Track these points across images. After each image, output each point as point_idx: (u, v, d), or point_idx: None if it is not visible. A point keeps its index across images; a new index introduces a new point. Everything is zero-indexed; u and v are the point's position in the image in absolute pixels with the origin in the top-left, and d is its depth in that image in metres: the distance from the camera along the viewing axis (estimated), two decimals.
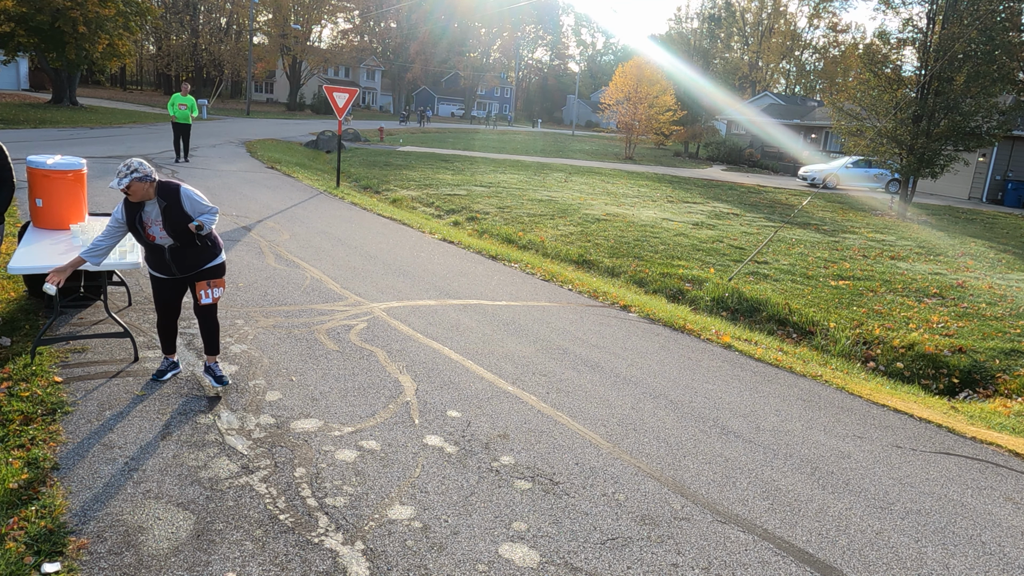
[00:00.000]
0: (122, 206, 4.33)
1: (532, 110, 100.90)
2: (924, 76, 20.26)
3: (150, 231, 4.33)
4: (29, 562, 2.84)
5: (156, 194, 4.31)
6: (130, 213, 4.32)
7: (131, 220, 4.32)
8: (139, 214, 4.30)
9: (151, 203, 4.32)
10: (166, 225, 4.30)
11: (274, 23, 60.12)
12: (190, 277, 4.53)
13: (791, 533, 3.70)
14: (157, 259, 4.43)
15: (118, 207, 4.35)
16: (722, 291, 9.46)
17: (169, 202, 4.31)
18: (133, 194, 4.22)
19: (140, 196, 4.24)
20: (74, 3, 27.08)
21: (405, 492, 3.69)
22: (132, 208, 4.30)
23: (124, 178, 4.15)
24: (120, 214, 4.34)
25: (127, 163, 4.24)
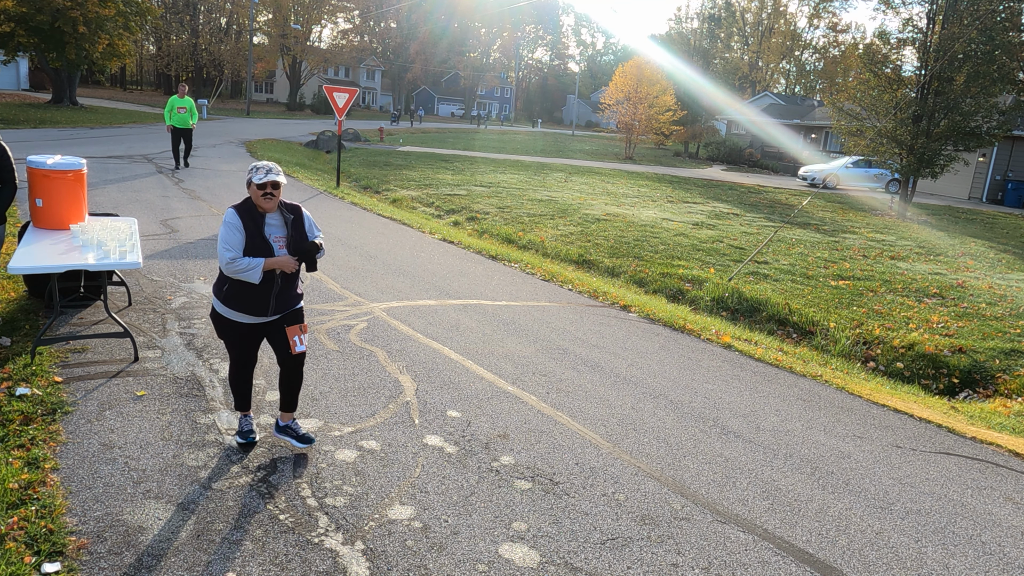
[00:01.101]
0: (238, 215, 3.60)
1: (532, 110, 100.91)
2: (924, 76, 20.26)
3: (278, 245, 3.70)
4: (29, 562, 2.84)
5: (282, 206, 3.76)
6: (256, 222, 3.63)
7: (259, 230, 3.62)
8: (263, 224, 3.66)
9: (274, 216, 3.72)
10: (289, 245, 3.71)
11: (274, 23, 60.14)
12: (278, 321, 3.83)
13: (791, 533, 3.70)
14: (259, 293, 3.68)
15: (231, 218, 3.58)
16: (722, 291, 9.46)
17: (296, 216, 3.78)
18: (271, 199, 3.62)
19: (274, 204, 3.66)
20: (74, 3, 27.09)
21: (405, 492, 3.69)
22: (256, 217, 3.63)
23: (269, 174, 3.59)
24: (237, 221, 3.58)
25: (264, 163, 3.65)
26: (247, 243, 3.58)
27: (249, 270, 3.52)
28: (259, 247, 3.61)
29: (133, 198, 11.35)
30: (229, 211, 3.64)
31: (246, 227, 3.59)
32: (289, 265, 3.63)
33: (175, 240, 8.81)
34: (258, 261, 3.54)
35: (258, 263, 3.54)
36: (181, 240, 8.84)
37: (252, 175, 3.61)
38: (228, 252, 3.54)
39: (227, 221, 3.59)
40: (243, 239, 3.58)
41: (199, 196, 12.31)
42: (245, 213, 3.62)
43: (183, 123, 15.04)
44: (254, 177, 3.59)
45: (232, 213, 3.61)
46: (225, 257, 3.53)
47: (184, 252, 8.24)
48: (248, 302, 3.68)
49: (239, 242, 3.56)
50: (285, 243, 3.71)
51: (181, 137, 15.20)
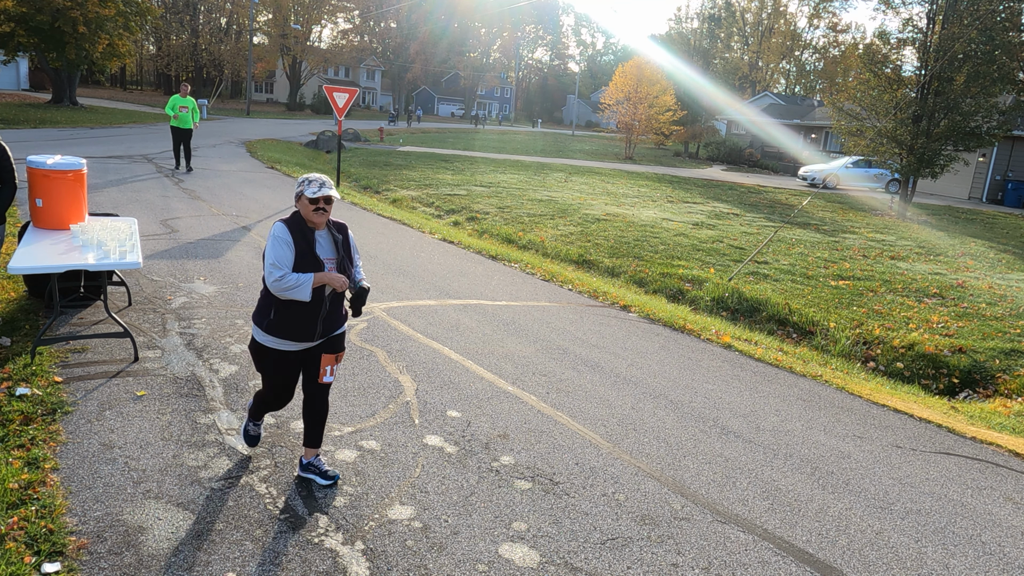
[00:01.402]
0: (288, 230, 3.34)
1: (532, 110, 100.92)
2: (924, 76, 20.26)
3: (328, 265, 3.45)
4: (29, 562, 2.84)
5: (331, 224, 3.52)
6: (307, 238, 3.37)
7: (310, 247, 3.36)
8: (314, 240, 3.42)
9: (323, 234, 3.47)
10: (338, 265, 3.47)
11: (274, 23, 60.14)
12: (320, 346, 3.57)
13: (791, 533, 3.70)
14: (307, 316, 3.42)
15: (280, 232, 3.33)
16: (722, 291, 9.46)
17: (344, 236, 3.55)
18: (323, 215, 3.36)
19: (325, 220, 3.40)
20: (74, 3, 27.09)
21: (405, 492, 3.69)
22: (307, 233, 3.38)
23: (323, 187, 3.32)
24: (287, 236, 3.33)
25: (315, 176, 3.40)
26: (296, 261, 3.31)
27: (298, 286, 3.26)
28: (310, 265, 3.34)
29: (133, 198, 11.36)
30: (278, 225, 3.36)
31: (296, 243, 3.32)
32: (340, 283, 3.37)
33: (175, 240, 8.81)
34: (307, 276, 3.28)
35: (307, 278, 3.28)
36: (181, 240, 8.84)
37: (304, 188, 3.32)
38: (277, 270, 3.25)
39: (276, 235, 3.31)
40: (293, 256, 3.30)
41: (199, 196, 12.31)
42: (295, 228, 3.35)
43: (184, 123, 14.87)
44: (307, 190, 3.31)
45: (282, 227, 3.34)
46: (273, 275, 3.25)
47: (184, 252, 8.24)
48: (295, 327, 3.42)
49: (289, 259, 3.29)
50: (335, 264, 3.45)
51: (182, 137, 15.02)
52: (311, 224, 3.40)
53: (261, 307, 3.48)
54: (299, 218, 3.41)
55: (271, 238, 3.34)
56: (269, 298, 3.42)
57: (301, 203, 3.37)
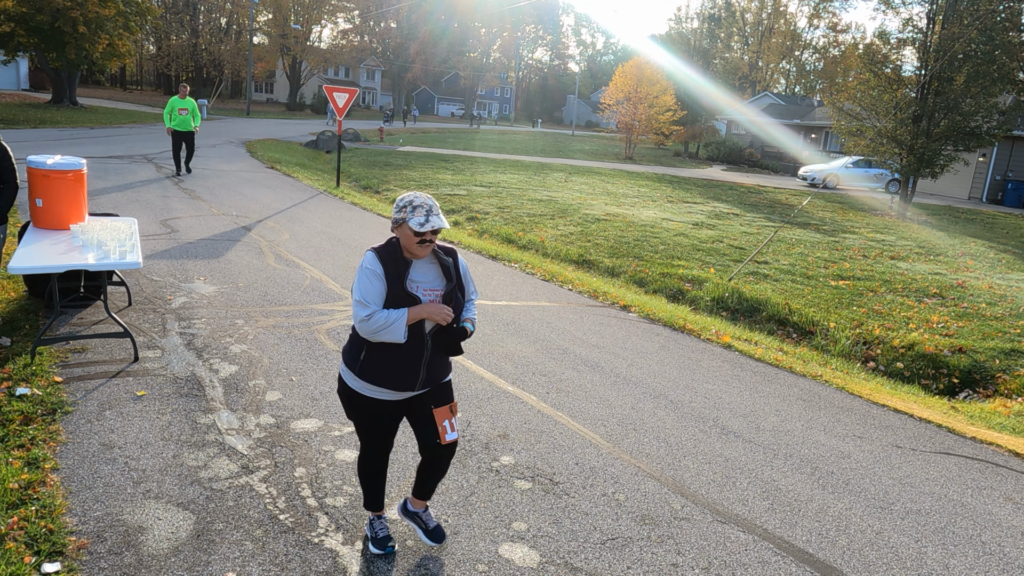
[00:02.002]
0: (379, 261, 2.85)
1: (532, 110, 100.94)
2: (924, 76, 20.26)
3: (431, 297, 2.94)
4: (29, 562, 2.84)
5: (436, 249, 3.01)
6: (400, 270, 2.86)
7: (401, 279, 2.85)
8: (409, 273, 2.91)
9: (424, 261, 2.96)
10: (445, 299, 2.95)
11: (274, 23, 60.14)
12: (423, 396, 3.05)
13: (791, 533, 3.70)
14: (407, 360, 2.91)
15: (371, 263, 2.84)
16: (722, 291, 9.46)
17: (454, 261, 3.04)
18: (427, 247, 2.85)
19: (428, 252, 2.89)
20: (74, 3, 27.10)
21: (405, 492, 3.69)
22: (401, 264, 2.87)
23: (430, 217, 2.79)
24: (379, 268, 2.83)
25: (421, 199, 2.83)
26: (389, 296, 2.83)
27: (389, 326, 2.76)
28: (403, 300, 2.83)
29: (133, 198, 11.36)
30: (368, 255, 2.87)
31: (388, 276, 2.83)
32: (443, 315, 2.84)
33: (175, 240, 8.81)
34: (399, 313, 2.78)
35: (400, 316, 2.77)
36: (181, 240, 8.84)
37: (408, 215, 2.79)
38: (363, 309, 2.78)
39: (366, 267, 2.84)
40: (384, 290, 2.82)
41: (199, 196, 12.31)
42: (388, 258, 2.86)
43: (184, 125, 14.23)
44: (411, 219, 2.78)
45: (372, 257, 2.86)
46: (360, 314, 2.78)
47: (184, 252, 8.24)
48: (392, 373, 2.90)
49: (379, 294, 2.81)
50: (441, 295, 2.94)
51: (183, 140, 14.39)
52: (409, 255, 2.90)
53: (352, 345, 2.99)
54: (395, 247, 2.89)
55: (359, 270, 2.87)
56: (359, 336, 2.93)
57: (402, 232, 2.84)
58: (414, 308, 2.83)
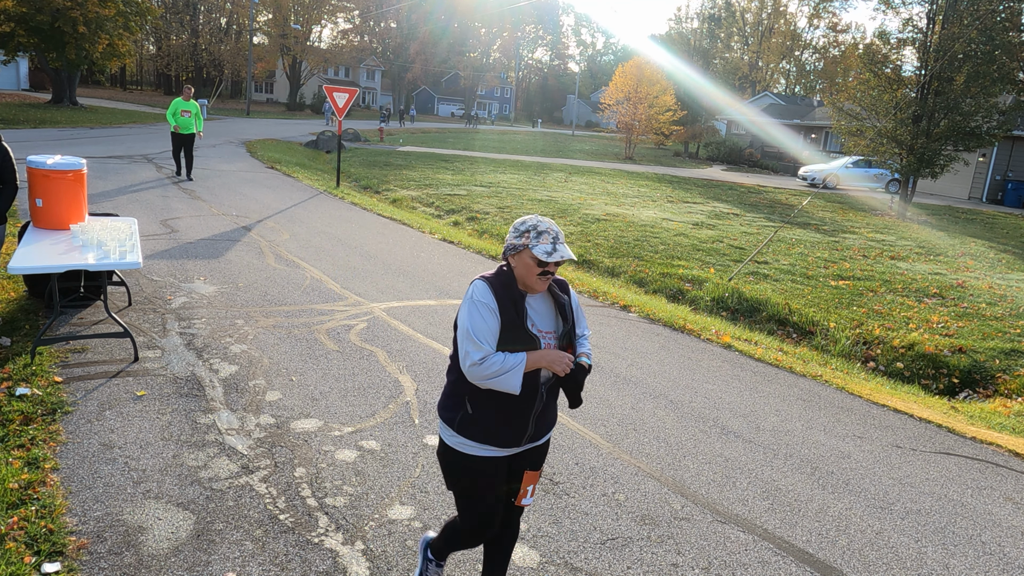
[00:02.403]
0: (492, 292, 2.43)
1: (532, 110, 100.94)
2: (924, 76, 20.26)
3: (546, 340, 2.51)
4: (29, 562, 2.84)
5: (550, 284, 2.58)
6: (517, 304, 2.45)
7: (521, 317, 2.44)
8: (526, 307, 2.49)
9: (539, 297, 2.56)
10: (560, 340, 2.54)
11: (274, 23, 60.14)
12: (523, 454, 2.65)
13: (791, 533, 3.70)
14: (517, 409, 2.50)
15: (482, 295, 2.42)
16: (722, 291, 9.46)
17: (569, 298, 2.62)
18: (547, 281, 2.47)
19: (547, 285, 2.49)
20: (74, 3, 27.10)
21: (405, 492, 3.69)
22: (517, 298, 2.46)
23: (557, 246, 2.40)
24: (492, 301, 2.42)
25: (546, 224, 2.44)
26: (501, 335, 2.41)
27: (505, 373, 2.35)
28: (521, 341, 2.42)
29: (133, 198, 11.36)
30: (478, 285, 2.46)
31: (503, 311, 2.41)
32: (563, 365, 2.42)
33: (175, 240, 8.81)
34: (518, 359, 2.37)
35: (518, 362, 2.37)
36: (181, 240, 8.84)
37: (531, 242, 2.40)
38: (476, 350, 2.36)
39: (476, 299, 2.42)
40: (498, 329, 2.41)
41: (199, 196, 12.31)
42: (502, 290, 2.44)
43: (186, 128, 13.91)
44: (536, 246, 2.39)
45: (484, 288, 2.44)
46: (472, 356, 2.36)
47: (184, 252, 8.24)
48: (499, 428, 2.50)
49: (493, 333, 2.39)
50: (556, 338, 2.53)
51: (183, 143, 14.03)
52: (526, 288, 2.49)
53: (450, 394, 2.57)
54: (508, 277, 2.48)
55: (468, 302, 2.44)
56: (461, 384, 2.51)
57: (520, 260, 2.44)
58: (533, 354, 2.41)
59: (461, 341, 2.42)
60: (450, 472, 2.61)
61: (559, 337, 2.53)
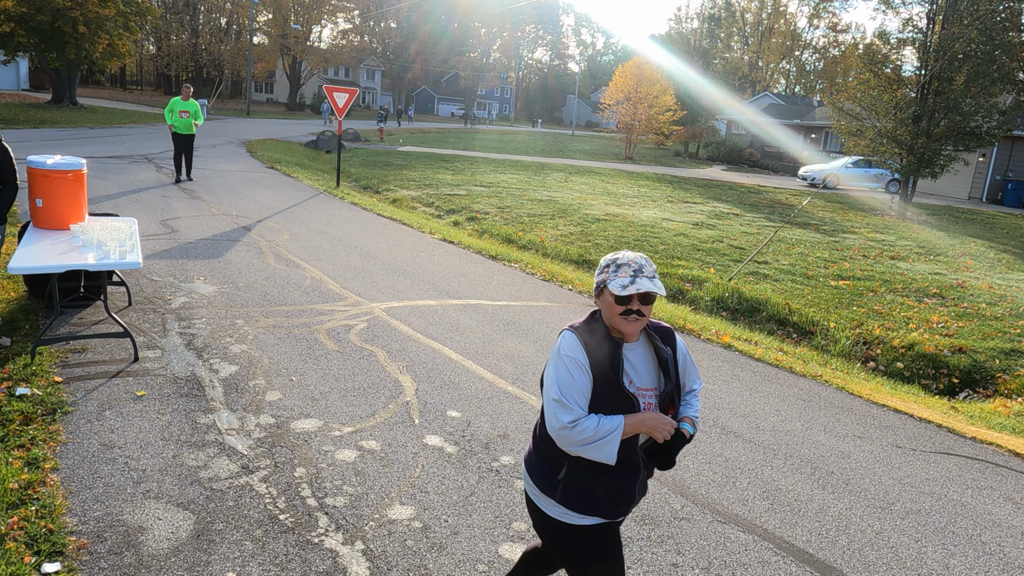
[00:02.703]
0: (581, 344, 2.13)
1: (532, 110, 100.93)
2: (924, 76, 20.26)
3: (645, 399, 2.19)
4: (29, 562, 2.84)
5: (650, 331, 2.28)
6: (612, 357, 2.13)
7: (616, 371, 2.12)
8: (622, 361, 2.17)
9: (639, 347, 2.24)
10: (662, 399, 2.22)
11: (274, 23, 60.14)
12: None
13: (791, 533, 3.70)
14: (618, 480, 2.19)
15: (570, 348, 2.13)
16: (722, 291, 9.46)
17: (674, 350, 2.30)
18: (637, 322, 2.13)
19: (639, 329, 2.17)
20: (74, 3, 27.10)
21: (405, 492, 3.69)
22: (612, 350, 2.14)
23: (639, 277, 2.10)
24: (582, 355, 2.11)
25: (628, 257, 2.15)
26: (594, 393, 2.10)
27: (599, 440, 2.05)
28: (617, 401, 2.11)
29: (133, 198, 11.36)
30: (568, 338, 2.16)
31: (595, 366, 2.11)
32: (664, 431, 2.12)
33: (175, 240, 8.81)
34: (614, 424, 2.06)
35: (615, 428, 2.06)
36: (181, 240, 8.84)
37: (609, 277, 2.14)
38: (565, 412, 2.06)
39: (565, 354, 2.12)
40: (589, 387, 2.10)
41: (199, 196, 12.31)
42: (594, 342, 2.14)
43: (186, 128, 13.52)
44: (612, 280, 2.12)
45: (572, 340, 2.15)
46: (561, 419, 2.06)
47: (184, 252, 8.24)
48: (604, 499, 2.20)
49: (584, 393, 2.09)
50: (656, 396, 2.21)
51: (184, 144, 13.64)
52: (618, 335, 2.18)
53: (542, 459, 2.27)
54: (600, 325, 2.19)
55: (555, 357, 2.15)
56: (549, 446, 2.21)
57: (603, 300, 2.17)
58: (632, 418, 2.10)
59: (547, 401, 2.12)
60: (562, 543, 2.28)
61: (661, 396, 2.19)
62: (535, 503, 2.31)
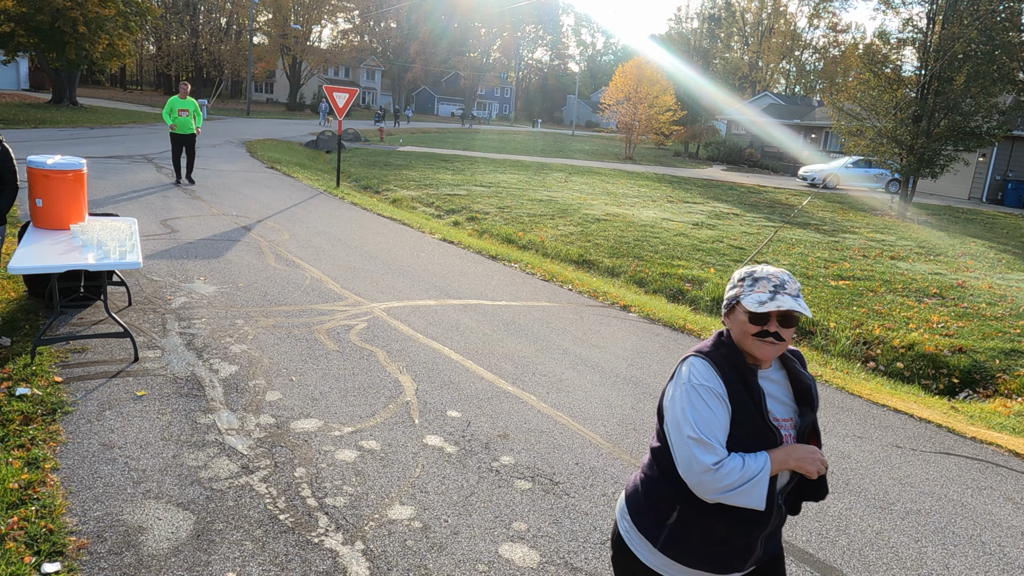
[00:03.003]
0: (716, 371, 1.86)
1: (532, 110, 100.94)
2: (924, 76, 20.26)
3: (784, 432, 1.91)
4: (29, 562, 2.84)
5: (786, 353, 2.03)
6: (749, 385, 1.87)
7: (756, 401, 1.86)
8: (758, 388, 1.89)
9: (773, 373, 1.97)
10: (800, 430, 1.94)
11: (274, 23, 60.15)
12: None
13: (791, 533, 3.70)
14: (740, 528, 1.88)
15: (702, 375, 1.86)
16: (722, 291, 9.46)
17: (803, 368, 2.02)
18: (775, 345, 1.87)
19: (776, 354, 1.90)
20: (74, 3, 27.10)
21: (405, 492, 3.69)
22: (748, 376, 1.87)
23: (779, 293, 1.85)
24: (718, 383, 1.84)
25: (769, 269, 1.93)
26: (732, 427, 1.83)
27: (746, 483, 1.76)
28: (757, 435, 1.84)
29: (133, 198, 11.36)
30: (696, 364, 1.89)
31: (733, 396, 1.84)
32: (816, 464, 1.85)
33: (175, 240, 8.81)
34: (761, 462, 1.79)
35: (762, 467, 1.78)
36: (181, 240, 8.84)
37: (743, 291, 1.91)
38: (707, 453, 1.77)
39: (696, 383, 1.84)
40: (728, 420, 1.83)
41: (199, 196, 12.31)
42: (729, 368, 1.87)
43: (185, 127, 13.14)
44: (747, 295, 1.88)
45: (704, 368, 1.87)
46: (704, 462, 1.76)
47: (184, 252, 8.24)
48: (717, 551, 1.91)
49: (723, 427, 1.81)
50: (793, 427, 1.94)
51: (183, 145, 13.26)
52: (754, 361, 1.92)
53: (650, 499, 1.98)
54: (731, 350, 1.91)
55: (686, 388, 1.86)
56: (668, 489, 1.93)
57: (734, 319, 1.92)
58: (777, 453, 1.82)
59: (679, 440, 1.82)
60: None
61: (801, 427, 1.92)
62: (628, 545, 2.01)
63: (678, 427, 1.83)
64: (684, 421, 1.82)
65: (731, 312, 1.93)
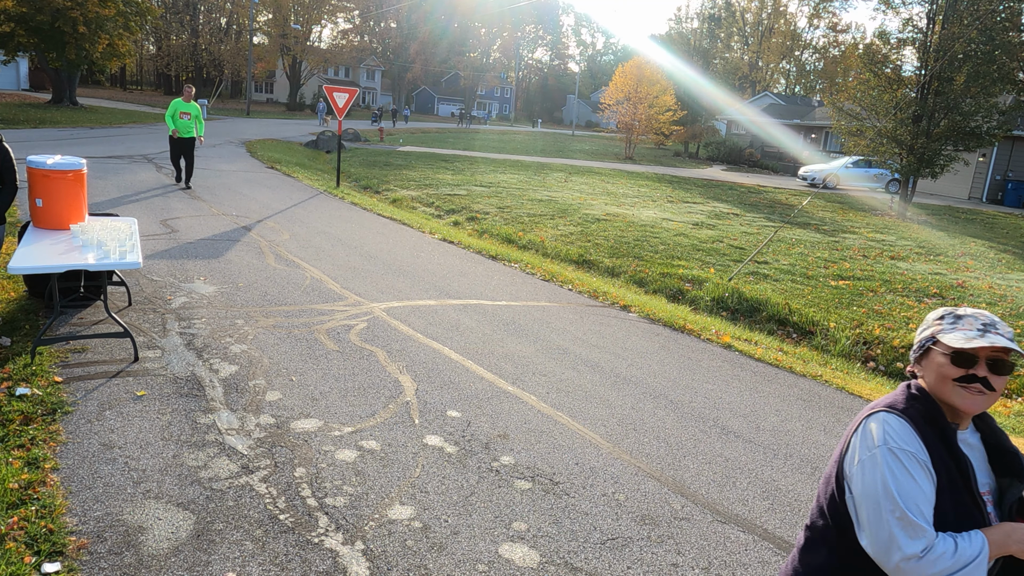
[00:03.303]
0: (916, 433, 1.57)
1: (532, 110, 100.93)
2: (924, 76, 20.26)
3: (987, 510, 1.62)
4: (29, 562, 2.84)
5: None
6: (949, 448, 1.58)
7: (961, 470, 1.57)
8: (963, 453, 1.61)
9: (966, 433, 1.68)
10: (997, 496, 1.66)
11: (274, 23, 60.14)
12: None
13: (791, 533, 3.70)
14: None
15: (902, 438, 1.55)
16: (722, 291, 9.46)
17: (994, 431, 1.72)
18: (983, 399, 1.58)
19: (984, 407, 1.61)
20: (74, 3, 27.10)
21: (405, 492, 3.69)
22: (947, 436, 1.59)
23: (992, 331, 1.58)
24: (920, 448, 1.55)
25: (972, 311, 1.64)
26: (937, 500, 1.54)
27: (959, 571, 1.47)
28: (962, 511, 1.56)
29: (133, 198, 11.36)
30: (891, 422, 1.58)
31: (935, 462, 1.55)
32: None
33: (175, 240, 8.81)
34: (977, 545, 1.50)
35: (978, 551, 1.49)
36: (181, 240, 8.84)
37: (943, 328, 1.64)
38: (916, 537, 1.49)
39: (895, 446, 1.54)
40: (933, 491, 1.53)
41: (199, 196, 12.31)
42: (929, 427, 1.59)
43: (186, 131, 12.87)
44: (949, 332, 1.62)
45: (903, 428, 1.57)
46: (908, 547, 1.48)
47: (184, 252, 8.24)
48: None
49: (929, 501, 1.52)
50: (992, 494, 1.65)
51: (182, 150, 12.96)
52: (953, 418, 1.64)
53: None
54: (930, 405, 1.62)
55: (882, 453, 1.55)
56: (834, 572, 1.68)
57: (929, 365, 1.65)
58: (995, 534, 1.52)
59: (875, 517, 1.52)
60: None
61: (1006, 502, 1.61)
62: None
63: (876, 503, 1.52)
64: (884, 496, 1.51)
65: (925, 356, 1.63)
